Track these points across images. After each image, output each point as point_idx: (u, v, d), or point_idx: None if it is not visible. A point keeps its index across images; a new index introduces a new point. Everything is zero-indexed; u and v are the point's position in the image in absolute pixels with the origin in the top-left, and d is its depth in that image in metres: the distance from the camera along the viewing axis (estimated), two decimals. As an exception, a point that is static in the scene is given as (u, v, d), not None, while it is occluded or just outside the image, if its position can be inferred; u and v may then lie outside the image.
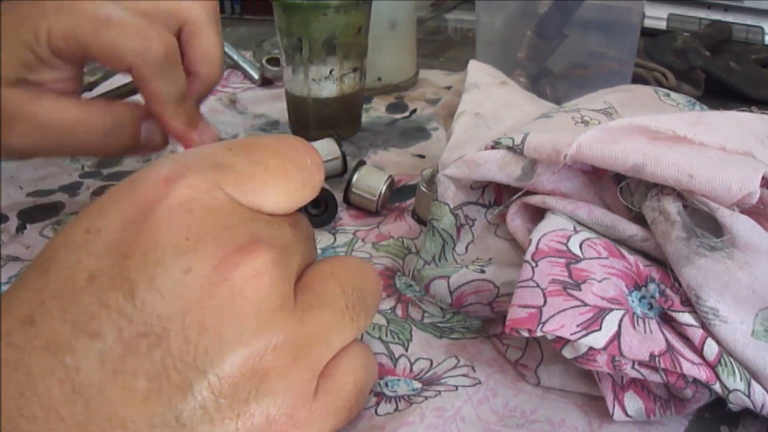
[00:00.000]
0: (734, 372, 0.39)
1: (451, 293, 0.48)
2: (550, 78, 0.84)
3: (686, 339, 0.40)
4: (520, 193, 0.49)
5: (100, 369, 0.29)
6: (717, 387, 0.39)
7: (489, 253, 0.51)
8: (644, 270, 0.43)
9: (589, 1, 0.80)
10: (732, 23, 1.10)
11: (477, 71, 0.64)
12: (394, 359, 0.47)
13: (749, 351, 0.39)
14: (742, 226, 0.40)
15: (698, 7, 1.15)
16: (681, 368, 0.39)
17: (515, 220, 0.49)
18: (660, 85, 0.87)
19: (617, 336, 0.39)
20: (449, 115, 0.63)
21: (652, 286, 0.42)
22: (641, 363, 0.39)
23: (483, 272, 0.47)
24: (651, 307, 0.42)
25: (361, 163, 0.65)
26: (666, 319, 0.41)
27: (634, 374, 0.39)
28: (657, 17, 1.16)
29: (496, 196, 0.53)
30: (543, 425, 0.42)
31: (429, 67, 1.06)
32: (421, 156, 0.78)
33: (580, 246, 0.43)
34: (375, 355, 0.40)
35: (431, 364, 0.47)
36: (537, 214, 0.48)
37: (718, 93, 0.90)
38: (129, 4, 0.52)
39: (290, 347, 0.32)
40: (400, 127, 0.85)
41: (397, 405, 0.43)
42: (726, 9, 1.13)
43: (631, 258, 0.43)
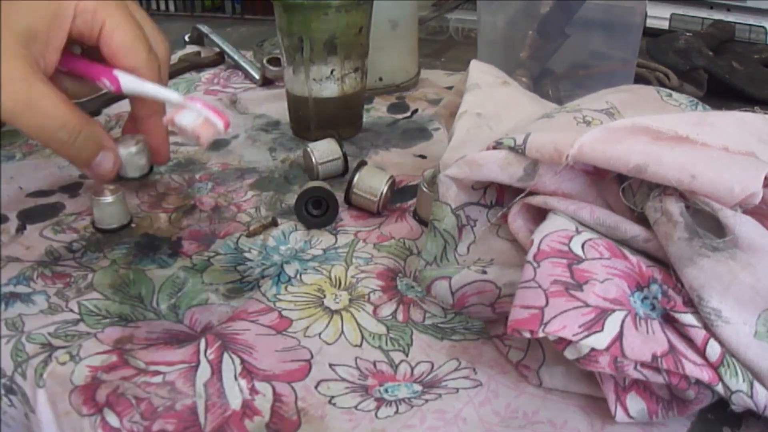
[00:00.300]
0: (737, 373, 0.39)
1: (453, 294, 0.48)
2: (552, 78, 0.84)
3: (689, 340, 0.40)
4: (522, 194, 0.49)
5: None
6: (719, 388, 0.39)
7: (491, 254, 0.51)
8: (646, 271, 0.43)
9: (591, 1, 0.80)
10: (735, 23, 1.10)
11: (479, 71, 0.64)
12: (395, 366, 0.47)
13: (752, 352, 0.39)
14: (745, 227, 0.40)
15: (701, 7, 1.15)
16: (683, 369, 0.39)
17: (517, 221, 0.49)
18: (662, 85, 0.87)
19: (619, 337, 0.39)
20: (451, 116, 0.63)
21: (655, 287, 0.42)
22: (643, 364, 0.39)
23: (485, 273, 0.47)
24: (653, 308, 0.42)
25: (363, 164, 0.65)
26: (668, 320, 0.41)
27: (637, 375, 0.39)
28: (659, 17, 1.16)
29: (498, 197, 0.52)
30: (545, 426, 0.42)
31: (430, 67, 1.06)
32: (423, 156, 0.78)
33: (582, 247, 0.43)
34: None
35: (432, 367, 0.47)
36: (539, 215, 0.48)
37: (721, 93, 0.90)
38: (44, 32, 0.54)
39: None
40: (402, 128, 0.85)
41: (398, 408, 0.43)
42: (729, 9, 1.13)
43: (634, 259, 0.43)
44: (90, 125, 0.56)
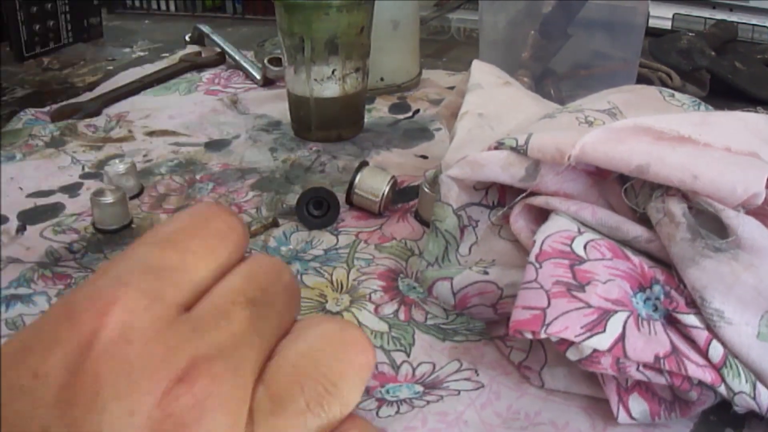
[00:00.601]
0: (739, 374, 0.39)
1: (455, 295, 0.48)
2: (554, 78, 0.84)
3: (691, 341, 0.40)
4: (524, 194, 0.48)
5: None
6: (722, 389, 0.39)
7: (492, 255, 0.50)
8: (649, 271, 0.42)
9: (593, 1, 0.80)
10: (737, 23, 1.10)
11: (480, 71, 0.64)
12: (396, 367, 0.47)
13: (754, 353, 0.39)
14: (748, 228, 0.40)
15: (703, 7, 1.15)
16: (686, 370, 0.38)
17: (519, 221, 0.49)
18: (665, 86, 0.87)
19: (622, 338, 0.39)
20: (452, 116, 0.63)
21: (657, 288, 0.42)
22: (646, 365, 0.39)
23: (486, 274, 0.47)
24: (656, 309, 0.41)
25: (364, 164, 0.65)
26: (671, 321, 0.41)
27: (639, 376, 0.39)
28: (662, 17, 1.16)
29: (500, 197, 0.52)
30: (547, 428, 0.42)
31: (432, 68, 1.06)
32: (424, 157, 0.77)
33: (585, 247, 0.43)
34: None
35: (434, 368, 0.47)
36: (541, 215, 0.48)
37: (723, 93, 0.89)
38: None
39: None
40: (403, 128, 0.85)
41: (399, 408, 0.43)
42: (731, 9, 1.13)
43: (636, 259, 0.43)
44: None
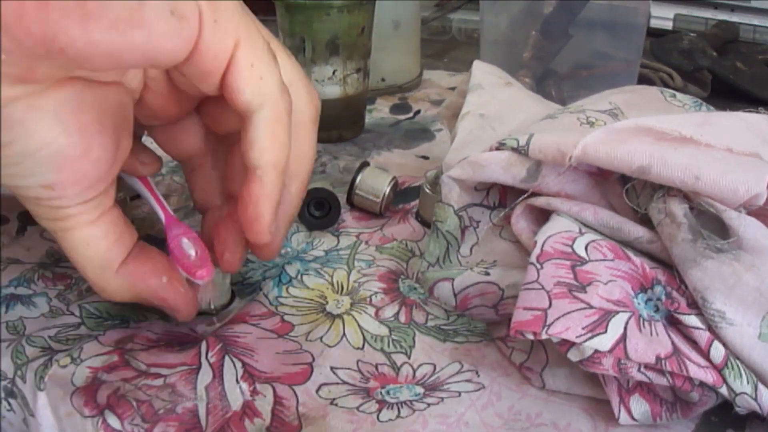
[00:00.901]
0: (741, 375, 0.39)
1: (456, 295, 0.48)
2: (555, 79, 0.84)
3: (693, 342, 0.40)
4: (525, 195, 0.48)
5: None
6: (724, 390, 0.39)
7: (494, 255, 0.50)
8: (650, 272, 0.42)
9: (595, 1, 0.80)
10: (739, 23, 1.10)
11: (481, 72, 0.64)
12: (396, 368, 0.47)
13: (756, 354, 0.39)
14: (749, 228, 0.40)
15: (705, 7, 1.14)
16: (687, 371, 0.38)
17: (520, 222, 0.49)
18: (666, 86, 0.87)
19: (623, 339, 0.39)
20: (453, 116, 0.63)
21: (659, 289, 0.42)
22: (647, 366, 0.39)
23: (488, 274, 0.47)
24: (657, 310, 0.41)
25: (365, 165, 0.65)
26: (672, 322, 0.41)
27: (640, 377, 0.39)
28: (663, 17, 1.16)
29: (501, 198, 0.52)
30: (548, 429, 0.42)
31: (433, 68, 1.06)
32: (425, 157, 0.77)
33: (586, 248, 0.43)
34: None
35: (434, 369, 0.47)
36: (542, 216, 0.48)
37: (725, 94, 0.89)
38: None
39: None
40: (404, 128, 0.85)
41: (399, 411, 0.43)
42: (733, 9, 1.13)
43: (637, 260, 0.43)
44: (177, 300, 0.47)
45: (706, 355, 0.39)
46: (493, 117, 0.58)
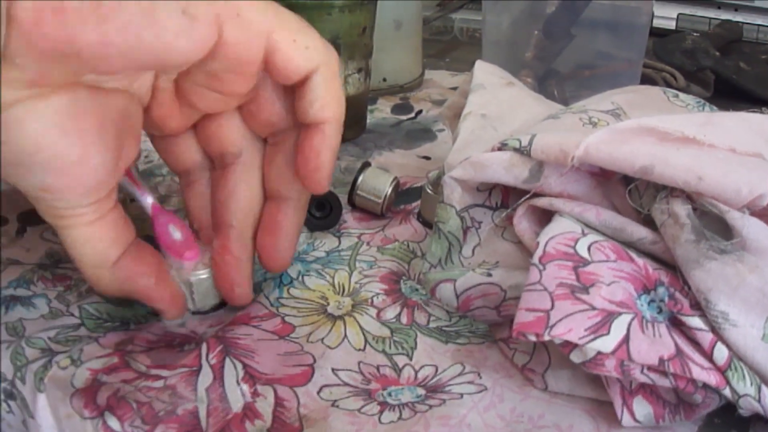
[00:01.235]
0: (744, 377, 0.38)
1: (458, 297, 0.48)
2: (558, 79, 0.84)
3: (696, 343, 0.40)
4: (528, 196, 0.48)
5: None
6: (727, 392, 0.39)
7: (496, 256, 0.50)
8: (653, 273, 0.42)
9: (597, 1, 0.80)
10: (742, 23, 1.10)
11: (483, 72, 0.64)
12: (398, 370, 0.47)
13: (759, 355, 0.39)
14: (753, 229, 0.40)
15: (708, 7, 1.14)
16: (690, 373, 0.38)
17: (522, 223, 0.49)
18: (669, 86, 0.86)
19: (626, 340, 0.38)
20: (455, 117, 0.63)
21: (662, 290, 0.42)
22: (650, 367, 0.39)
23: (490, 275, 0.47)
24: (660, 311, 0.41)
25: (366, 165, 0.65)
26: (675, 323, 0.41)
27: (643, 379, 0.39)
28: (666, 17, 1.16)
29: (503, 198, 0.52)
30: (551, 430, 0.42)
31: (435, 68, 1.06)
32: (427, 158, 0.77)
33: (588, 249, 0.43)
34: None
35: (436, 371, 0.46)
36: (544, 217, 0.48)
37: (728, 94, 0.89)
38: None
39: None
40: (406, 129, 0.85)
41: (401, 413, 0.43)
42: (736, 9, 1.12)
43: (640, 261, 0.43)
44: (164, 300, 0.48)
45: (710, 357, 0.39)
46: (495, 117, 0.58)
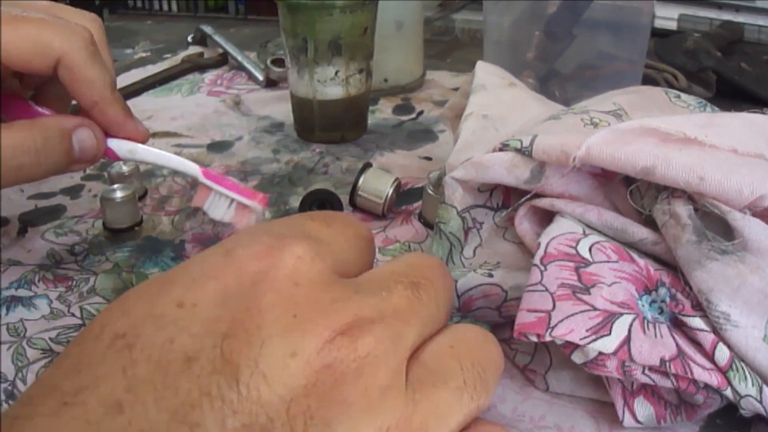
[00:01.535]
0: (746, 377, 0.38)
1: (459, 297, 0.47)
2: (559, 79, 0.83)
3: (697, 344, 0.40)
4: (529, 196, 0.48)
5: None
6: (728, 392, 0.38)
7: (497, 257, 0.50)
8: (655, 274, 0.42)
9: (599, 1, 0.79)
10: (744, 24, 1.10)
11: (485, 72, 0.64)
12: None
13: (761, 356, 0.38)
14: (754, 230, 0.40)
15: (709, 8, 1.14)
16: (692, 373, 0.38)
17: (523, 224, 0.49)
18: (670, 87, 0.86)
19: (627, 341, 0.38)
20: (456, 117, 0.63)
21: (663, 290, 0.42)
22: (651, 368, 0.39)
23: (491, 276, 0.47)
24: (661, 312, 0.41)
25: (368, 166, 0.65)
26: (677, 324, 0.41)
27: (645, 379, 0.39)
28: (667, 17, 1.16)
29: (504, 199, 0.52)
30: (552, 431, 0.41)
31: (436, 68, 1.06)
32: (428, 158, 0.77)
33: (590, 249, 0.43)
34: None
35: (438, 370, 0.46)
36: (546, 217, 0.48)
37: (730, 94, 0.89)
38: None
39: (404, 430, 0.29)
40: (407, 129, 0.85)
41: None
42: (737, 9, 1.12)
43: (642, 262, 0.43)
44: (40, 128, 0.49)
45: (711, 358, 0.39)
46: (497, 118, 0.57)
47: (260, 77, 1.01)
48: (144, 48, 1.22)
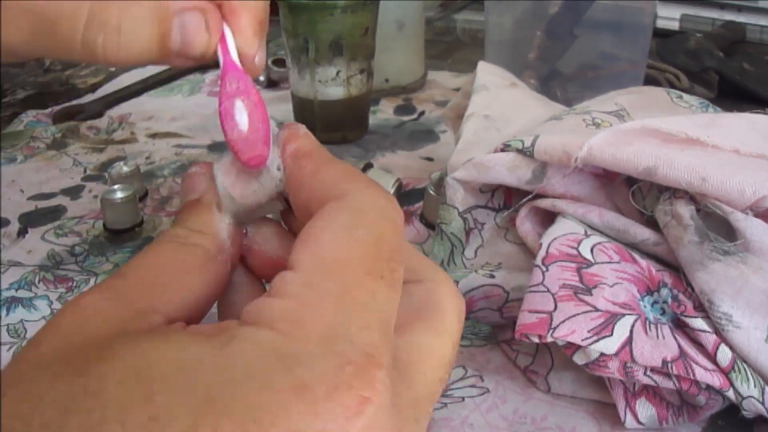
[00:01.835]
0: (748, 378, 0.38)
1: (460, 298, 0.47)
2: (561, 79, 0.83)
3: (699, 345, 0.40)
4: (530, 197, 0.48)
5: None
6: (730, 394, 0.38)
7: (498, 258, 0.50)
8: (656, 274, 0.42)
9: (601, 1, 0.79)
10: (746, 24, 1.10)
11: (486, 73, 0.64)
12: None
13: (763, 357, 0.39)
14: (756, 230, 0.40)
15: (711, 8, 1.14)
16: (694, 374, 0.38)
17: (525, 224, 0.49)
18: (672, 87, 0.86)
19: (629, 342, 0.38)
20: (458, 118, 0.63)
21: (665, 291, 0.42)
22: (653, 369, 0.39)
23: (492, 277, 0.47)
24: (663, 313, 0.41)
25: (369, 166, 0.65)
26: (679, 325, 0.41)
27: (647, 381, 0.39)
28: (669, 18, 1.16)
29: (506, 200, 0.52)
30: (553, 433, 0.41)
31: (437, 69, 1.06)
32: (430, 159, 0.77)
33: (592, 250, 0.43)
34: None
35: (438, 372, 0.46)
36: (547, 218, 0.48)
37: (732, 95, 0.89)
38: None
39: None
40: (408, 130, 0.85)
41: (403, 414, 0.43)
42: (740, 9, 1.12)
43: (643, 262, 0.43)
44: None
45: (713, 359, 0.39)
46: (498, 118, 0.57)
47: (261, 77, 1.01)
48: (145, 48, 1.22)
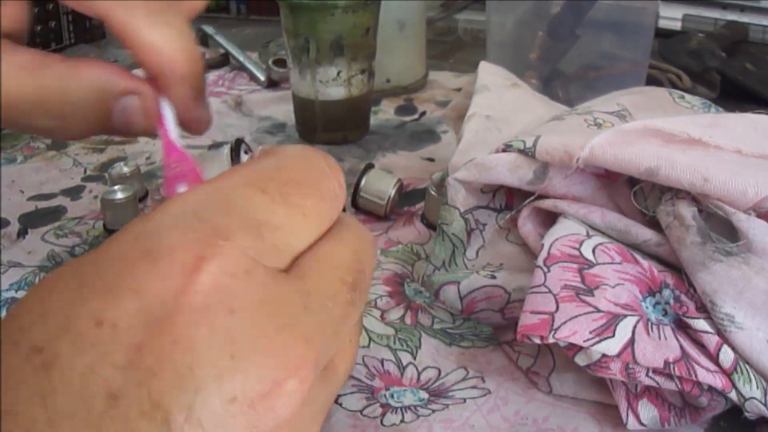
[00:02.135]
0: (750, 380, 0.38)
1: (462, 299, 0.47)
2: (562, 80, 0.83)
3: (701, 346, 0.40)
4: (532, 197, 0.48)
5: None
6: (733, 395, 0.38)
7: (500, 259, 0.50)
8: (658, 275, 0.42)
9: (602, 1, 0.79)
10: (748, 24, 1.09)
11: (488, 73, 0.64)
12: (402, 368, 0.46)
13: (765, 358, 0.38)
14: (759, 231, 0.40)
15: (714, 8, 1.14)
16: (696, 376, 0.38)
17: (527, 225, 0.49)
18: (674, 87, 0.86)
19: (631, 343, 0.38)
20: (459, 118, 0.63)
21: (667, 292, 0.41)
22: (655, 370, 0.38)
23: (494, 278, 0.47)
24: (665, 314, 0.41)
25: (370, 167, 0.64)
26: (681, 326, 0.41)
27: (648, 382, 0.39)
28: (671, 18, 1.16)
29: (507, 200, 0.52)
30: (555, 434, 0.41)
31: (439, 69, 1.06)
32: (431, 159, 0.77)
33: (593, 251, 0.43)
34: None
35: (439, 374, 0.46)
36: (549, 219, 0.48)
37: (734, 95, 0.89)
38: None
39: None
40: (409, 130, 0.85)
41: (403, 416, 0.43)
42: (742, 9, 1.12)
43: (645, 263, 0.42)
44: (79, 74, 0.38)
45: (715, 360, 0.39)
46: (500, 118, 0.57)
47: (262, 78, 1.01)
48: (146, 48, 1.22)
